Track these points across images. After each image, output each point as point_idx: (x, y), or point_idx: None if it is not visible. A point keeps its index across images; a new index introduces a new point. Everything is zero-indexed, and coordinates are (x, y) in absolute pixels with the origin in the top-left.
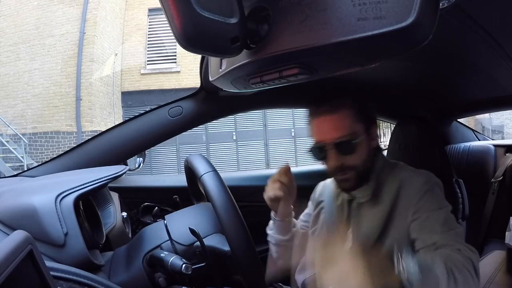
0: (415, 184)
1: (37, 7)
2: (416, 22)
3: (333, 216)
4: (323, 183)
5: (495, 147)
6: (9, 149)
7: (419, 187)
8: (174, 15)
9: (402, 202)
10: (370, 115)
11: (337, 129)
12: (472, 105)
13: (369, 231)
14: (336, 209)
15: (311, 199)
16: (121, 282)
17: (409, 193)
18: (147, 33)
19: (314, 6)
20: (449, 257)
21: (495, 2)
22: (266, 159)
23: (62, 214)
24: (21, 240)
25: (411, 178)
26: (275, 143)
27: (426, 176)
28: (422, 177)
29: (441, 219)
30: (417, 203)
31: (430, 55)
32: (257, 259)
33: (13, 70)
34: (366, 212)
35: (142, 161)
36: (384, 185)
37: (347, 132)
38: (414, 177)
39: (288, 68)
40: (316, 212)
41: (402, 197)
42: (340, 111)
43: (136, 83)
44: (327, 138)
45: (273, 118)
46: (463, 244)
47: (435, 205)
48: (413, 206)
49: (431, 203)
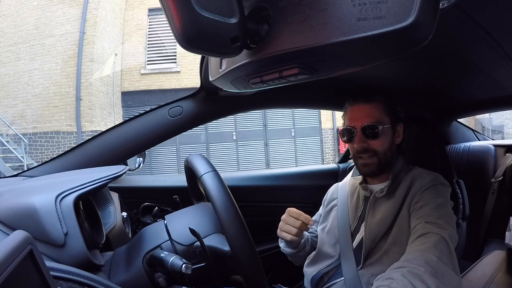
0: (423, 180)
1: (37, 7)
2: (416, 22)
3: (347, 213)
4: (337, 184)
5: (495, 147)
6: (9, 149)
7: (425, 183)
8: (174, 15)
9: (410, 196)
10: (398, 114)
11: (367, 116)
12: (472, 105)
13: (380, 222)
14: (351, 205)
15: (323, 200)
16: (121, 282)
17: (416, 187)
18: (147, 33)
19: (314, 6)
20: None
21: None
22: (266, 159)
23: (62, 214)
24: (21, 240)
25: (421, 175)
26: (275, 143)
27: (435, 176)
28: (430, 176)
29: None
30: (418, 195)
31: (430, 55)
32: (257, 259)
33: (13, 70)
34: (380, 206)
35: (142, 161)
36: (399, 183)
37: (374, 120)
38: (424, 174)
39: (288, 68)
40: (327, 210)
41: (411, 192)
42: (372, 102)
43: (136, 83)
44: (357, 123)
45: (273, 118)
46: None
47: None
48: (416, 199)
49: (430, 196)
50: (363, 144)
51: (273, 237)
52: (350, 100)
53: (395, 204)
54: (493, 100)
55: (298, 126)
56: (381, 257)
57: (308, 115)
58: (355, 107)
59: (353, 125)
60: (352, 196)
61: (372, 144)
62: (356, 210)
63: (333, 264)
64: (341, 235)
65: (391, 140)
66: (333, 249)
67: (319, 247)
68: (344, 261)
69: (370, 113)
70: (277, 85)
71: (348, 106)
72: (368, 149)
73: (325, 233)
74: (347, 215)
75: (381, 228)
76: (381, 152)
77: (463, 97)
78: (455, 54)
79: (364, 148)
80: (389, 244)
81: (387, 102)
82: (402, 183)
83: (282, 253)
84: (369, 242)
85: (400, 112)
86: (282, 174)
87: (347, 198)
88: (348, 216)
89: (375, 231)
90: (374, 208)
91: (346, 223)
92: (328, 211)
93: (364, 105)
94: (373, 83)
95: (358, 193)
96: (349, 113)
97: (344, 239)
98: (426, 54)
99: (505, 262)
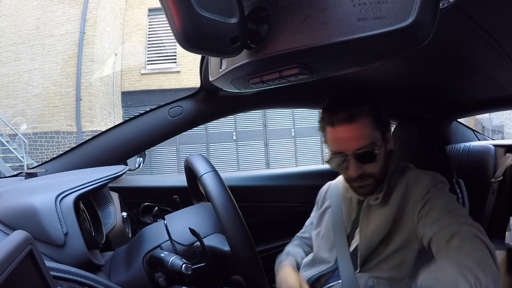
0: (421, 184)
1: (37, 7)
2: (416, 22)
3: (341, 216)
4: (329, 184)
5: (495, 147)
6: (9, 149)
7: (425, 186)
8: (174, 15)
9: (409, 203)
10: (386, 120)
11: (358, 139)
12: (472, 105)
13: (376, 231)
14: (345, 209)
15: (316, 202)
16: (121, 282)
17: (415, 193)
18: (147, 33)
19: (314, 6)
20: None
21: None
22: (266, 159)
23: (62, 214)
24: (21, 240)
25: (418, 178)
26: (275, 143)
27: (432, 175)
28: (427, 177)
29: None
30: (421, 200)
31: (430, 55)
32: (257, 259)
33: (13, 70)
34: (374, 213)
35: (142, 161)
36: (394, 188)
37: (367, 142)
38: (421, 177)
39: (288, 68)
40: (320, 212)
41: (410, 198)
42: (359, 119)
43: (136, 83)
44: (347, 148)
45: (273, 118)
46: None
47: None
48: (419, 205)
49: (433, 198)
50: (359, 171)
51: (273, 237)
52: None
53: (390, 211)
54: (493, 100)
55: (298, 126)
56: (379, 263)
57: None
58: (339, 128)
59: (342, 151)
60: (346, 198)
61: (369, 169)
62: (350, 214)
63: (330, 268)
64: (337, 240)
65: (385, 154)
66: (329, 254)
67: (315, 252)
68: (341, 265)
69: (359, 135)
70: (277, 85)
71: (327, 124)
72: (365, 174)
73: (320, 238)
74: (342, 219)
75: (377, 236)
76: (378, 173)
77: (463, 97)
78: (455, 54)
79: (361, 174)
80: (388, 252)
81: (374, 112)
82: (397, 188)
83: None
84: (364, 250)
85: (386, 116)
86: (282, 174)
87: (340, 200)
88: (342, 220)
89: (371, 240)
90: (369, 216)
91: (341, 227)
92: (321, 214)
93: (350, 125)
94: (373, 83)
95: (351, 195)
96: (333, 134)
97: (340, 244)
98: (426, 54)
99: (505, 262)
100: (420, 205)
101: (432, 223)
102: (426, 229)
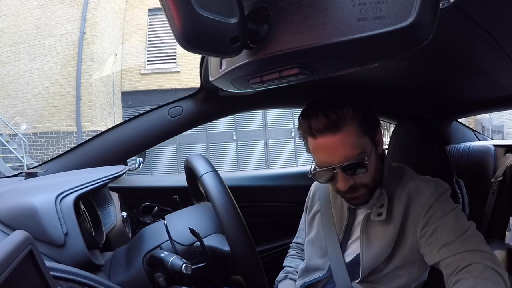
0: (423, 197)
1: (37, 7)
2: (416, 22)
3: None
4: (315, 185)
5: (495, 147)
6: (9, 149)
7: (427, 200)
8: (174, 15)
9: (411, 218)
10: (373, 121)
11: (344, 150)
12: (472, 105)
13: (380, 251)
14: (336, 216)
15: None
16: (121, 282)
17: (417, 207)
18: (147, 33)
19: (314, 6)
20: None
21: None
22: (266, 159)
23: (62, 214)
24: (21, 240)
25: (419, 190)
26: (275, 143)
27: (434, 186)
28: (429, 189)
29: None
30: (424, 217)
31: (430, 55)
32: (257, 259)
33: (13, 70)
34: (375, 230)
35: (142, 161)
36: (394, 200)
37: (355, 152)
38: (422, 188)
39: (288, 68)
40: (310, 217)
41: (411, 213)
42: (343, 127)
43: (136, 83)
44: (334, 160)
45: (273, 118)
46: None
47: (441, 213)
48: (421, 221)
49: (438, 214)
50: (349, 183)
51: (273, 237)
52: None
53: (393, 230)
54: (493, 100)
55: None
56: (380, 278)
57: None
58: (321, 139)
59: (328, 164)
60: (335, 201)
61: (360, 180)
62: (341, 220)
63: (323, 276)
64: (329, 248)
65: (376, 158)
66: (322, 261)
67: (308, 260)
68: (337, 275)
69: (345, 145)
70: (277, 85)
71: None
72: (356, 185)
73: (310, 244)
74: (333, 224)
75: (380, 258)
76: (370, 182)
77: (463, 97)
78: (455, 54)
79: (351, 186)
80: (389, 269)
81: (360, 115)
82: (398, 203)
83: (282, 253)
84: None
85: (374, 115)
86: (282, 174)
87: (329, 203)
88: (334, 225)
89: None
90: (369, 233)
91: (334, 235)
92: (311, 219)
93: (333, 136)
94: (373, 83)
95: (340, 200)
96: (315, 146)
97: (333, 252)
98: (426, 54)
99: (505, 262)
100: (423, 222)
101: (440, 246)
102: (433, 252)
